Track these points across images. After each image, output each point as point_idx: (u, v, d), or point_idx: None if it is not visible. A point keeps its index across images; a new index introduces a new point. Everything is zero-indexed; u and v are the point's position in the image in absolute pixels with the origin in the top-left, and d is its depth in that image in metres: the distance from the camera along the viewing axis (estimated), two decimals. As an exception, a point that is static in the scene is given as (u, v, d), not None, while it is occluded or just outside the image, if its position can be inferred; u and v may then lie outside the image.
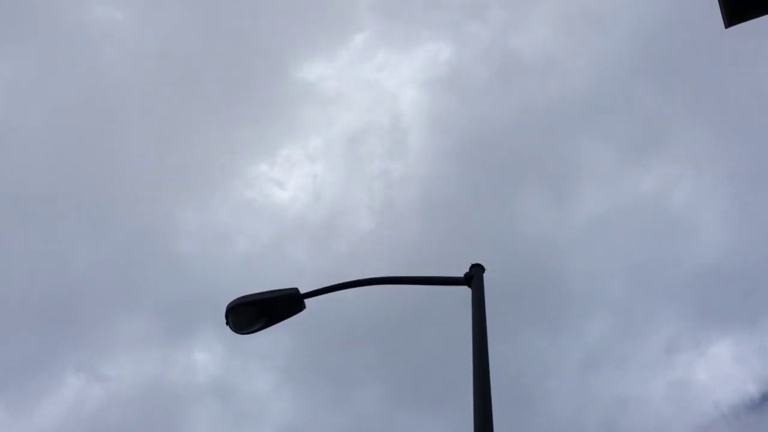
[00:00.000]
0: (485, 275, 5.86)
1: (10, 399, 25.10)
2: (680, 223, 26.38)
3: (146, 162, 27.57)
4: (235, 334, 6.44)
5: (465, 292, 5.83)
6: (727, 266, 25.02)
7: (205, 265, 26.30)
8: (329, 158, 29.47)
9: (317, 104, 29.58)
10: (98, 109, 27.19)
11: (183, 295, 25.95)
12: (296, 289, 6.40)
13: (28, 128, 27.03)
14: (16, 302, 24.90)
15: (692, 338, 25.78)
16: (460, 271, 5.98)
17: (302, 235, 27.64)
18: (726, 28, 6.95)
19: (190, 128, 28.92)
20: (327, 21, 29.89)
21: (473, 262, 5.94)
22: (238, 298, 6.32)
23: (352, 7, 30.79)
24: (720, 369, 25.84)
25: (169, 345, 26.73)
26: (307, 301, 6.45)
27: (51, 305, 25.39)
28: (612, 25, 28.53)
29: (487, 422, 4.58)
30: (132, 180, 27.28)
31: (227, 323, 6.34)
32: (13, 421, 24.74)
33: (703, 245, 26.00)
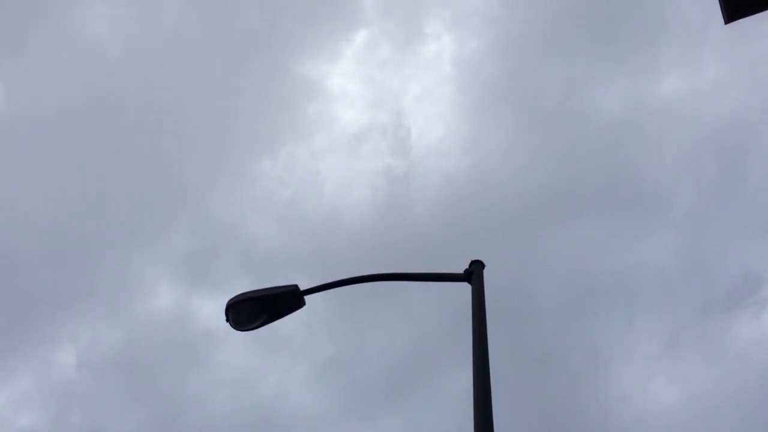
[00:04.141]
0: (485, 271, 5.85)
1: (28, 338, 25.20)
2: None
3: (143, 176, 27.62)
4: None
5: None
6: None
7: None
8: (332, 154, 29.39)
9: (321, 100, 29.52)
10: (107, 89, 27.40)
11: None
12: (296, 286, 6.40)
13: (46, 88, 27.18)
14: (35, 241, 24.98)
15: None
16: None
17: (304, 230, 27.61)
18: (726, 24, 6.94)
19: (192, 125, 28.92)
20: (330, 17, 29.77)
21: (473, 259, 5.93)
22: (239, 295, 6.31)
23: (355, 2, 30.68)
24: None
25: (190, 285, 26.73)
26: (307, 298, 6.46)
27: (68, 242, 25.47)
28: None
29: (487, 420, 4.57)
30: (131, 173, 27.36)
31: (227, 320, 6.33)
32: (30, 360, 24.91)
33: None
